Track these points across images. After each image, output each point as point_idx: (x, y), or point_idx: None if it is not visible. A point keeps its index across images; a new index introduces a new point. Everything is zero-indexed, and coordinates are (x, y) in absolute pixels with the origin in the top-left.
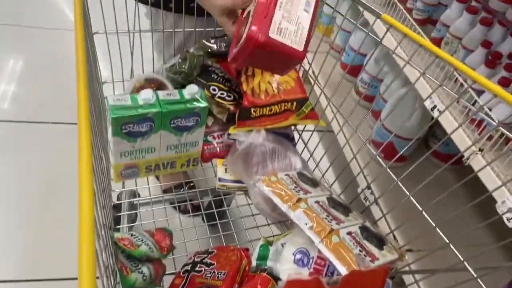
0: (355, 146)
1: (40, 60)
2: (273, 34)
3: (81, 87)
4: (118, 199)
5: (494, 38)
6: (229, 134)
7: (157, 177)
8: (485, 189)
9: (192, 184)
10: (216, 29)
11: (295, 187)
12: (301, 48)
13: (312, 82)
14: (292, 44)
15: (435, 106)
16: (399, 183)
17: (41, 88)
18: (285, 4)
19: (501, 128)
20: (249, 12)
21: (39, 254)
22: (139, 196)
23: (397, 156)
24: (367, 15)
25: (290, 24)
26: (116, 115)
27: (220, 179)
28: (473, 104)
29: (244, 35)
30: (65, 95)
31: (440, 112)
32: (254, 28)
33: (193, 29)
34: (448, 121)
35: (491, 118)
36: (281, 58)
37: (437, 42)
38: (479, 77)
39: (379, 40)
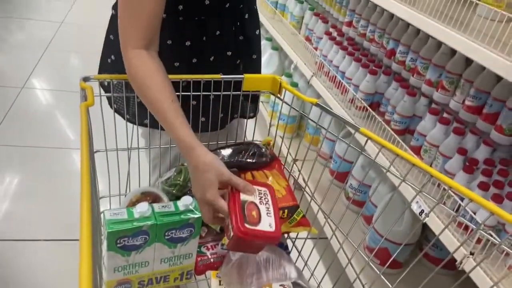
0: (349, 251)
1: (40, 178)
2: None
3: (84, 205)
4: None
5: (468, 146)
6: (222, 244)
7: None
8: None
9: None
10: (210, 143)
11: None
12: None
13: (303, 189)
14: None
15: (422, 211)
16: None
17: (41, 206)
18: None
19: (481, 231)
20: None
21: None
22: None
23: (389, 261)
24: None
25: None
26: (112, 229)
27: None
28: (458, 208)
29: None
30: (63, 212)
31: (426, 215)
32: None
33: None
34: (437, 225)
35: (475, 222)
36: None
37: (417, 150)
38: (453, 182)
39: (360, 150)
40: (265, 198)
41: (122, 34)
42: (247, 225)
